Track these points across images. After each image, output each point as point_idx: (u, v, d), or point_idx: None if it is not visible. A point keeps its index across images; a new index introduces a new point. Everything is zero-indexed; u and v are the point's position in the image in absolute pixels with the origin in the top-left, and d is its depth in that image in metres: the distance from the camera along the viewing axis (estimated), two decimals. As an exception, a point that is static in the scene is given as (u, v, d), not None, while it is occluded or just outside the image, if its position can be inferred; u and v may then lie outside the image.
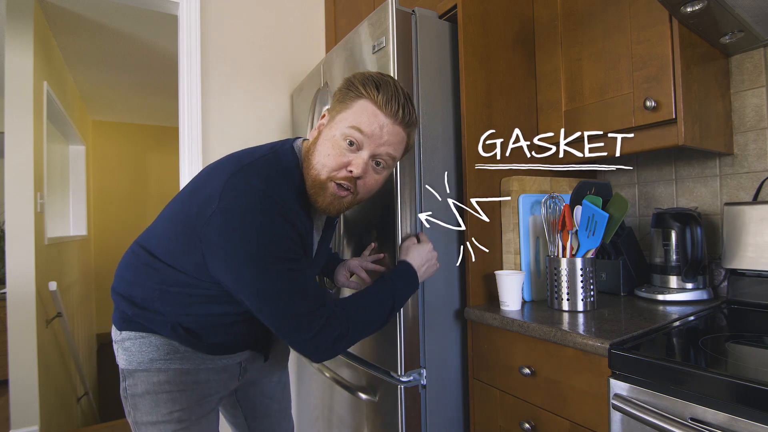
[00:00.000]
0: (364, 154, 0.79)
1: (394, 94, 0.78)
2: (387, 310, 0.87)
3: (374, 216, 1.19)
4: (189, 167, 1.70)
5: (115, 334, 0.89)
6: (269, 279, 0.73)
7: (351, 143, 0.78)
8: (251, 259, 0.72)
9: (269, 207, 0.73)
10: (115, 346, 0.89)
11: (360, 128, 0.77)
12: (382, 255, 1.13)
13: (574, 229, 1.06)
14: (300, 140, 0.89)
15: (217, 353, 0.91)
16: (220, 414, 1.13)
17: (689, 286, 1.12)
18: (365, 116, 0.78)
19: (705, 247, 1.13)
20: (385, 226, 1.13)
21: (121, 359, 0.87)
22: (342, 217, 1.32)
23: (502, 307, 1.08)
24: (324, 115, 0.85)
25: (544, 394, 0.92)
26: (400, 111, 0.78)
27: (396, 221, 1.09)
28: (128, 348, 0.86)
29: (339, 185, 0.79)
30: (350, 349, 1.31)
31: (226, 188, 0.74)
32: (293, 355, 1.86)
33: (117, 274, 0.90)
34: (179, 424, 0.85)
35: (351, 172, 0.79)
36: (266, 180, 0.76)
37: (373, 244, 1.16)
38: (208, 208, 0.74)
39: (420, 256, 0.97)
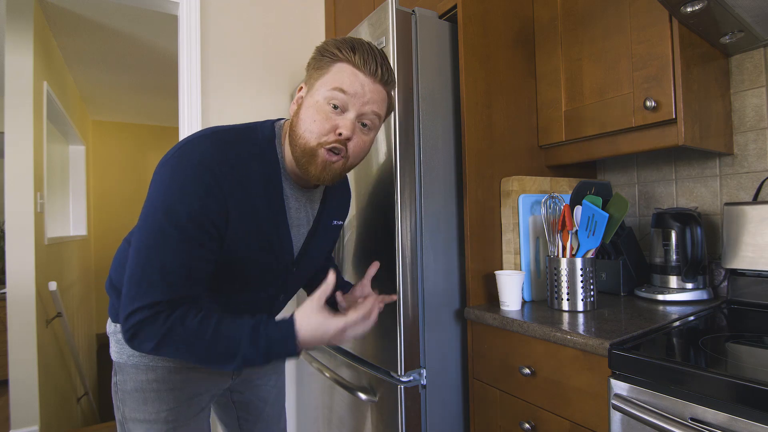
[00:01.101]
0: (350, 115, 0.77)
1: (370, 53, 0.77)
2: (222, 358, 0.71)
3: (374, 216, 1.19)
4: (189, 167, 1.70)
5: (110, 326, 0.91)
6: (157, 233, 0.69)
7: (335, 106, 0.76)
8: (158, 210, 0.69)
9: (207, 178, 0.70)
10: (110, 338, 0.91)
11: (342, 88, 0.75)
12: (376, 265, 1.01)
13: (574, 229, 1.06)
14: (282, 120, 0.87)
15: None
16: (213, 412, 1.13)
17: (689, 286, 1.12)
18: (345, 77, 0.76)
19: (705, 247, 1.13)
20: (385, 226, 1.13)
21: (114, 351, 0.89)
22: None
23: (502, 307, 1.08)
24: (301, 88, 0.83)
25: (544, 394, 0.92)
26: (379, 70, 0.77)
27: (396, 221, 1.09)
28: (120, 339, 0.87)
29: (329, 150, 0.77)
30: (350, 349, 1.31)
31: (186, 145, 0.73)
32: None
33: (111, 267, 0.92)
34: (166, 424, 0.85)
35: (340, 134, 0.76)
36: (225, 149, 0.74)
37: (377, 263, 1.01)
38: (163, 158, 0.74)
39: (315, 330, 0.74)
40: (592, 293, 1.04)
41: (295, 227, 0.87)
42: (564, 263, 1.04)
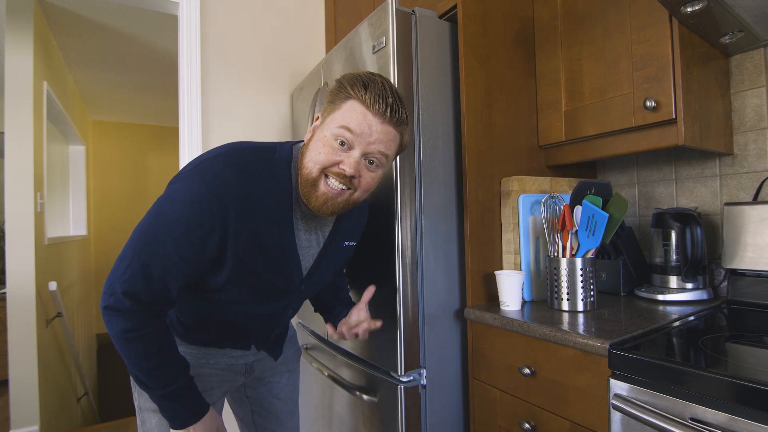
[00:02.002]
0: (356, 154, 0.78)
1: (381, 94, 0.78)
2: (139, 377, 0.77)
3: (374, 216, 1.19)
4: (189, 167, 1.70)
5: None
6: (153, 233, 0.73)
7: (342, 143, 0.78)
8: (161, 214, 0.74)
9: (211, 200, 0.73)
10: None
11: (349, 127, 0.77)
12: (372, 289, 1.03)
13: (574, 229, 1.06)
14: (302, 144, 0.90)
15: (204, 345, 0.95)
16: (230, 407, 1.16)
17: (689, 286, 1.12)
18: (354, 116, 0.78)
19: (705, 247, 1.13)
20: (385, 226, 1.12)
21: None
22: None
23: (502, 307, 1.08)
24: (317, 117, 0.85)
25: (544, 394, 0.92)
26: (388, 110, 0.78)
27: (395, 221, 1.09)
28: None
29: (332, 183, 0.79)
30: (350, 349, 1.31)
31: (202, 163, 0.76)
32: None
33: None
34: None
35: (343, 170, 0.78)
36: (238, 171, 0.76)
37: (372, 288, 1.03)
38: (180, 172, 0.78)
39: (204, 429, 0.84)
40: (592, 293, 1.04)
41: (305, 249, 0.89)
42: (564, 263, 1.04)
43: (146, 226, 0.73)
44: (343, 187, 0.80)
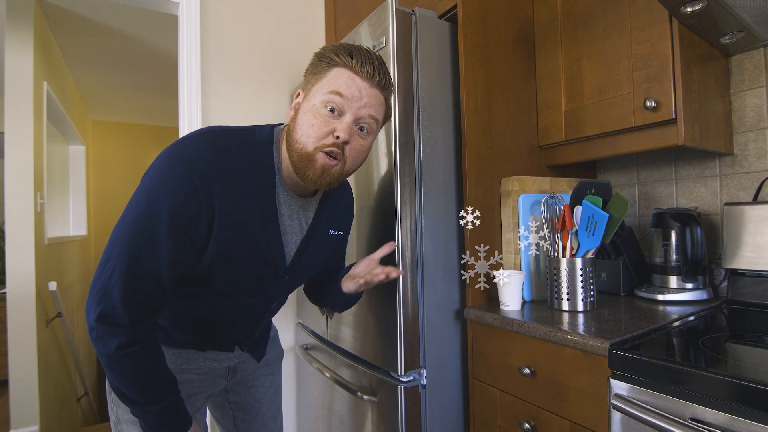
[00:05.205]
0: (347, 119, 0.77)
1: (367, 58, 0.77)
2: (126, 394, 0.74)
3: (374, 216, 1.19)
4: (189, 167, 1.70)
5: None
6: (137, 223, 0.69)
7: (332, 110, 0.76)
8: (142, 202, 0.69)
9: (196, 179, 0.70)
10: None
11: (339, 92, 0.75)
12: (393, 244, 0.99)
13: (574, 229, 1.06)
14: (282, 125, 0.87)
15: (185, 347, 0.91)
16: (210, 413, 1.13)
17: (689, 286, 1.12)
18: (343, 80, 0.76)
19: (705, 247, 1.13)
20: (385, 226, 1.13)
21: None
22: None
23: (502, 307, 1.08)
24: (298, 94, 0.83)
25: (544, 394, 0.92)
26: (376, 74, 0.77)
27: (396, 221, 1.09)
28: None
29: (327, 154, 0.77)
30: (350, 349, 1.31)
31: (181, 142, 0.73)
32: (293, 356, 1.86)
33: None
34: None
35: (338, 137, 0.76)
36: (219, 151, 0.74)
37: (393, 244, 0.99)
38: (159, 154, 0.74)
39: None
40: (592, 293, 1.04)
41: (288, 234, 0.86)
42: (564, 263, 1.04)
43: (126, 222, 0.69)
44: (337, 158, 0.77)
